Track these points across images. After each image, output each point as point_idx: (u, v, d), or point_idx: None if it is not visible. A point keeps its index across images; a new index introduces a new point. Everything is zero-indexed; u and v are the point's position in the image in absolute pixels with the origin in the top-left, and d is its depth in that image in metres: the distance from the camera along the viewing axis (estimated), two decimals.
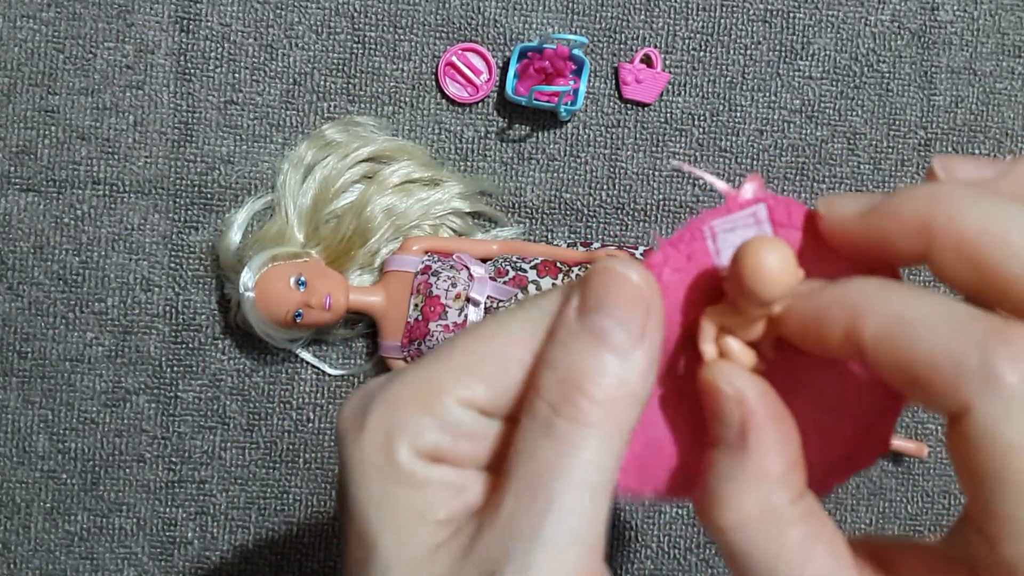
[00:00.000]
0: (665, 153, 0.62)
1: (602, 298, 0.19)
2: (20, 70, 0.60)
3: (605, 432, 0.19)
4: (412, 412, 0.20)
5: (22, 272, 0.60)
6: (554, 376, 0.19)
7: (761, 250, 0.19)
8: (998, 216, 0.18)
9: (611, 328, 0.19)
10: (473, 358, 0.20)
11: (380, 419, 0.20)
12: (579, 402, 0.19)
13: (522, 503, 0.19)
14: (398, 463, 0.20)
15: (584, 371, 0.19)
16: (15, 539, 0.60)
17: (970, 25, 0.63)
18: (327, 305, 0.55)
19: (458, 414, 0.20)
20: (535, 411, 0.19)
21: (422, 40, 0.61)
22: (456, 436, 0.20)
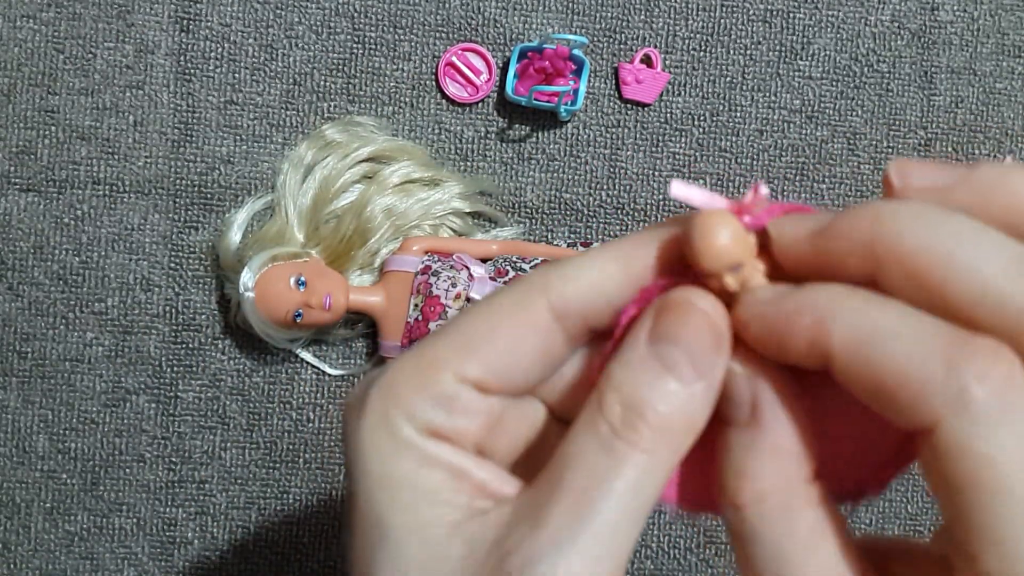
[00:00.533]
0: (665, 153, 0.62)
1: (675, 329, 0.20)
2: (20, 70, 0.60)
3: (658, 459, 0.20)
4: (409, 389, 0.21)
5: (22, 272, 0.60)
6: (618, 398, 0.20)
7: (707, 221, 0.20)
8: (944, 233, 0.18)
9: (680, 360, 0.20)
10: (467, 335, 0.21)
11: (379, 400, 0.21)
12: (640, 429, 0.20)
13: (566, 509, 0.19)
14: (401, 439, 0.21)
15: (648, 399, 0.20)
16: (15, 539, 0.60)
17: (970, 25, 0.63)
18: (327, 305, 0.55)
19: (454, 389, 0.21)
20: (596, 428, 0.20)
21: (422, 40, 0.61)
22: (452, 411, 0.21)
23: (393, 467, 0.21)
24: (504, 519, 0.20)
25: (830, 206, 0.62)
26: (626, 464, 0.19)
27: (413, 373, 0.21)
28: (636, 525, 0.20)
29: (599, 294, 0.21)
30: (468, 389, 0.21)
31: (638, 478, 0.20)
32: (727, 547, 0.62)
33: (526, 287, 0.22)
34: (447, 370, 0.21)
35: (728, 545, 0.62)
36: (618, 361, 0.20)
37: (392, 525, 0.20)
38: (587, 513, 0.19)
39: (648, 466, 0.20)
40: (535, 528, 0.19)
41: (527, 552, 0.19)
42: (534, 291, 0.21)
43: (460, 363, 0.21)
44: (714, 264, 0.20)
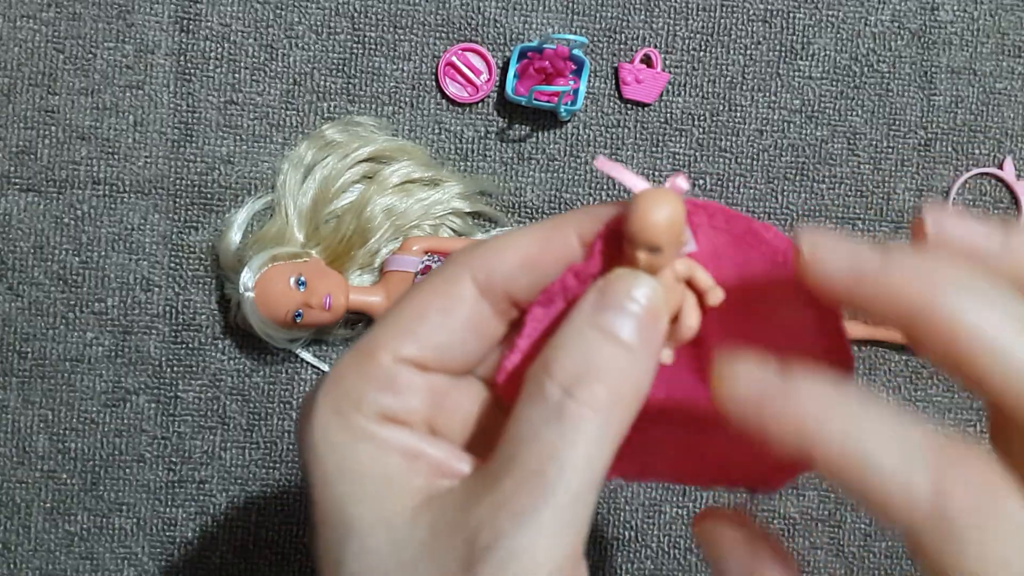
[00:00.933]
0: (665, 153, 0.62)
1: (621, 300, 0.21)
2: (20, 70, 0.60)
3: (611, 421, 0.20)
4: (353, 378, 0.22)
5: (22, 272, 0.60)
6: (569, 360, 0.20)
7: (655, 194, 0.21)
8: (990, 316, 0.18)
9: (627, 326, 0.21)
10: (399, 317, 0.22)
11: (326, 395, 0.22)
12: (593, 387, 0.20)
13: (523, 483, 0.19)
14: (354, 428, 0.21)
15: (598, 361, 0.20)
16: (15, 539, 0.60)
17: (970, 25, 0.63)
18: (327, 305, 0.55)
19: (393, 369, 0.22)
20: (545, 393, 0.20)
21: (422, 40, 0.61)
22: (396, 392, 0.22)
23: (349, 458, 0.21)
24: (463, 498, 0.20)
25: (830, 206, 0.62)
26: (579, 430, 0.20)
27: (354, 362, 0.22)
28: (594, 490, 0.20)
29: (519, 268, 0.22)
30: (407, 369, 0.22)
31: (592, 443, 0.20)
32: None
33: (452, 265, 0.23)
34: (385, 353, 0.22)
35: None
36: (566, 328, 0.21)
37: (355, 517, 0.21)
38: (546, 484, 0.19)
39: (600, 430, 0.20)
40: (496, 506, 0.19)
41: (489, 533, 0.19)
42: (459, 268, 0.22)
43: (396, 344, 0.22)
44: (640, 235, 0.21)
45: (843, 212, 0.62)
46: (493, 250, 0.23)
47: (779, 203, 0.62)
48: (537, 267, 0.22)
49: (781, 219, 0.62)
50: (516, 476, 0.20)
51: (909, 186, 0.63)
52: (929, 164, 0.63)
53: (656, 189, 0.21)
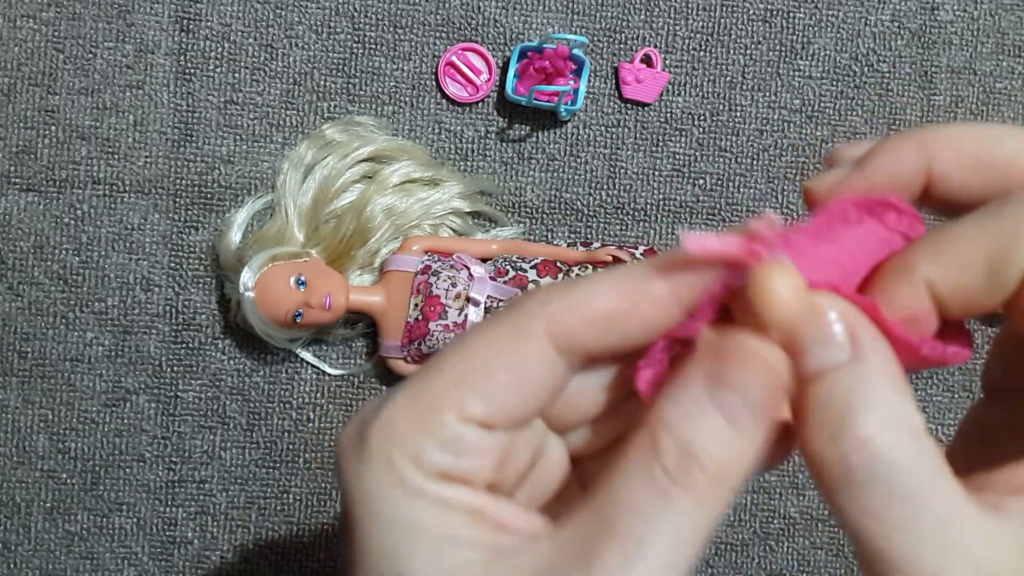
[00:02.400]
0: (665, 153, 0.62)
1: (736, 376, 0.19)
2: (20, 70, 0.60)
3: (711, 505, 0.19)
4: (412, 431, 0.20)
5: (22, 272, 0.60)
6: (673, 443, 0.19)
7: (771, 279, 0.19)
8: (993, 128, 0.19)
9: (739, 409, 0.19)
10: (465, 369, 0.20)
11: (381, 444, 0.20)
12: (696, 475, 0.19)
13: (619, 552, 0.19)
14: (412, 485, 0.20)
15: (706, 446, 0.19)
16: (15, 539, 0.60)
17: (970, 25, 0.63)
18: (327, 305, 0.55)
19: (458, 430, 0.20)
20: (651, 472, 0.19)
21: (422, 40, 0.61)
22: (459, 453, 0.20)
23: (407, 512, 0.20)
24: (544, 560, 0.20)
25: None
26: (680, 509, 0.19)
27: (414, 414, 0.20)
28: (685, 569, 0.19)
29: (602, 327, 0.21)
30: (473, 428, 0.20)
31: (691, 523, 0.19)
32: (727, 547, 0.62)
33: (524, 315, 0.21)
34: (449, 410, 0.20)
35: (728, 546, 0.62)
36: (673, 403, 0.20)
37: (414, 570, 0.20)
38: (640, 558, 0.19)
39: (701, 512, 0.19)
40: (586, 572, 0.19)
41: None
42: (533, 320, 0.21)
43: (462, 401, 0.20)
44: (771, 321, 0.19)
45: None
46: (571, 301, 0.20)
47: (779, 203, 0.62)
48: (623, 326, 0.21)
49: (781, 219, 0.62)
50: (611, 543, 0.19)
51: None
52: None
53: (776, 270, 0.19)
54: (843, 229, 0.21)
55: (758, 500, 0.62)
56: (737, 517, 0.62)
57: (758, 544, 0.62)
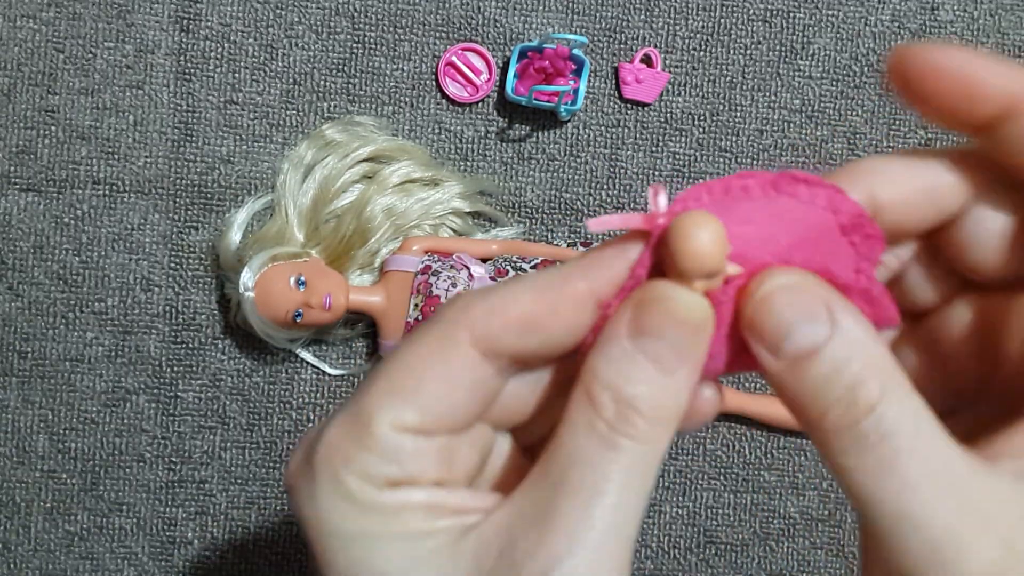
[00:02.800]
0: (665, 153, 0.62)
1: (656, 323, 0.20)
2: (20, 70, 0.60)
3: (655, 447, 0.20)
4: (353, 449, 0.21)
5: (22, 272, 0.60)
6: (610, 395, 0.20)
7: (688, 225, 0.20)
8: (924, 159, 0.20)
9: (664, 352, 0.20)
10: (397, 381, 0.21)
11: (326, 465, 0.21)
12: (636, 422, 0.20)
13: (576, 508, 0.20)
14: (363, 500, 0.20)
15: (639, 393, 0.20)
16: (15, 539, 0.60)
17: (970, 25, 0.63)
18: (327, 305, 0.55)
19: (397, 440, 0.21)
20: (593, 426, 0.20)
21: (422, 40, 0.61)
22: (401, 461, 0.21)
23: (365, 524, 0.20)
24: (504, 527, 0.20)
25: None
26: (628, 456, 0.20)
27: (353, 430, 0.21)
28: (641, 510, 0.20)
29: (523, 330, 0.21)
30: (410, 437, 0.21)
31: (639, 467, 0.20)
32: (727, 547, 0.62)
33: (448, 323, 0.21)
34: (385, 422, 0.20)
35: (728, 545, 0.62)
36: (602, 358, 0.20)
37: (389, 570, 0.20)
38: (597, 508, 0.20)
39: (648, 454, 0.20)
40: (546, 531, 0.20)
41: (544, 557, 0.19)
42: (456, 327, 0.21)
43: (393, 412, 0.21)
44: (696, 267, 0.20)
45: None
46: (492, 308, 0.21)
47: None
48: (543, 328, 0.21)
49: None
50: (566, 500, 0.20)
51: None
52: None
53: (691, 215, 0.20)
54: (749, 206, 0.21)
55: (758, 500, 0.62)
56: (737, 517, 0.62)
57: (758, 544, 0.62)
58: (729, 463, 0.62)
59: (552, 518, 0.20)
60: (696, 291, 0.20)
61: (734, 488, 0.62)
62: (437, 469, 0.21)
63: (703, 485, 0.62)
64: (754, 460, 0.62)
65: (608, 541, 0.20)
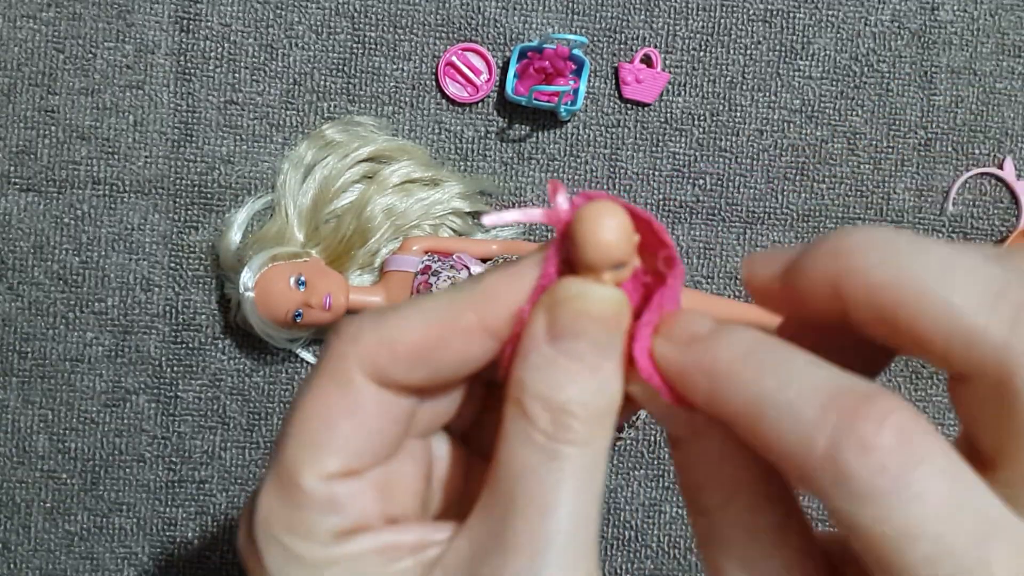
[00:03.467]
0: (665, 153, 0.62)
1: (571, 323, 0.20)
2: (20, 70, 0.60)
3: (598, 447, 0.20)
4: (287, 511, 0.20)
5: (22, 272, 0.60)
6: (541, 404, 0.20)
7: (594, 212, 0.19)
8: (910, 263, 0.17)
9: (585, 350, 0.20)
10: (309, 432, 0.20)
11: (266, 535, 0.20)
12: (572, 425, 0.19)
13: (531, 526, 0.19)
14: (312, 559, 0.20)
15: (569, 396, 0.19)
16: (15, 539, 0.60)
17: (970, 25, 0.63)
18: (327, 305, 0.55)
19: (327, 490, 0.20)
20: (531, 439, 0.20)
21: (422, 40, 0.61)
22: (339, 509, 0.20)
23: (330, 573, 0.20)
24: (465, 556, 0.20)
25: (830, 206, 0.62)
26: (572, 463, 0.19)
27: (283, 493, 0.20)
28: (597, 509, 0.20)
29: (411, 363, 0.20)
30: (340, 482, 0.20)
31: (586, 471, 0.20)
32: None
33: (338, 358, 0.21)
34: (311, 476, 0.20)
35: None
36: (525, 368, 0.20)
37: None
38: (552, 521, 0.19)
39: (591, 456, 0.20)
40: (508, 552, 0.19)
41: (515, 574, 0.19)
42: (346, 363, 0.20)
43: (318, 464, 0.20)
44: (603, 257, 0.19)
45: (843, 212, 0.62)
46: (380, 339, 0.20)
47: (779, 203, 0.62)
48: (433, 361, 0.20)
49: (781, 219, 0.62)
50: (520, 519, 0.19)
51: (909, 186, 0.63)
52: (929, 164, 0.63)
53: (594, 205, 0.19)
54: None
55: None
56: None
57: None
58: None
59: (511, 539, 0.19)
60: (607, 283, 0.20)
61: None
62: (380, 504, 0.21)
63: None
64: None
65: (570, 550, 0.19)
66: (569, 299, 0.20)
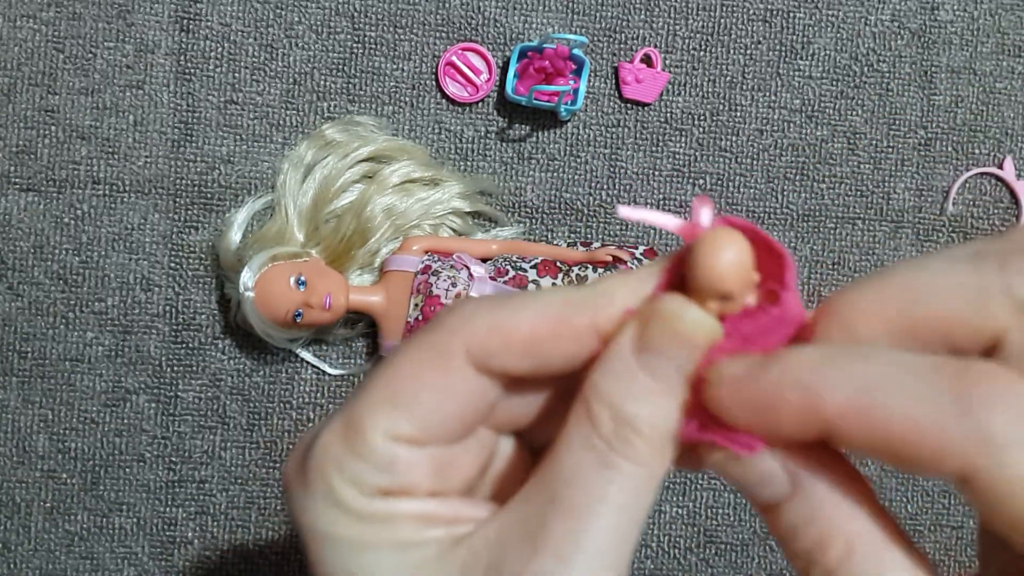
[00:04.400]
0: (665, 153, 0.62)
1: (660, 339, 0.19)
2: (20, 70, 0.60)
3: (652, 468, 0.20)
4: (346, 457, 0.20)
5: (22, 272, 0.60)
6: (609, 412, 0.20)
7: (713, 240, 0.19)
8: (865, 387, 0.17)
9: (668, 370, 0.19)
10: (392, 391, 0.21)
11: (320, 472, 0.21)
12: (634, 442, 0.19)
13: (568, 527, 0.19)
14: (354, 509, 0.20)
15: (639, 412, 0.19)
16: (15, 539, 0.60)
17: (970, 25, 0.63)
18: (327, 305, 0.55)
19: (390, 450, 0.20)
20: (590, 443, 0.20)
21: (422, 40, 0.61)
22: (394, 471, 0.21)
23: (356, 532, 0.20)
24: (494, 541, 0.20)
25: (830, 206, 0.62)
26: (623, 477, 0.19)
27: (346, 439, 0.20)
28: (635, 533, 0.20)
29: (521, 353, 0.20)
30: (404, 447, 0.21)
31: (635, 490, 0.19)
32: (727, 547, 0.62)
33: (446, 333, 0.21)
34: (379, 432, 0.20)
35: (728, 545, 0.62)
36: (603, 372, 0.20)
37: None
38: (590, 529, 0.19)
39: (644, 476, 0.19)
40: (537, 548, 0.19)
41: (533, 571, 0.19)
42: (454, 340, 0.21)
43: (390, 422, 0.20)
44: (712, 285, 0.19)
45: (843, 212, 0.62)
46: (493, 323, 0.20)
47: (779, 203, 0.62)
48: (542, 354, 0.20)
49: (781, 219, 0.62)
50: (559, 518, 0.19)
51: (909, 186, 0.63)
52: (929, 164, 0.63)
53: (719, 231, 0.19)
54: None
55: None
56: (737, 517, 0.62)
57: (758, 544, 0.62)
58: None
59: (543, 537, 0.19)
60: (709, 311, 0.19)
61: (734, 488, 0.62)
62: (431, 479, 0.21)
63: (703, 485, 0.62)
64: None
65: (598, 565, 0.19)
66: (664, 315, 0.20)
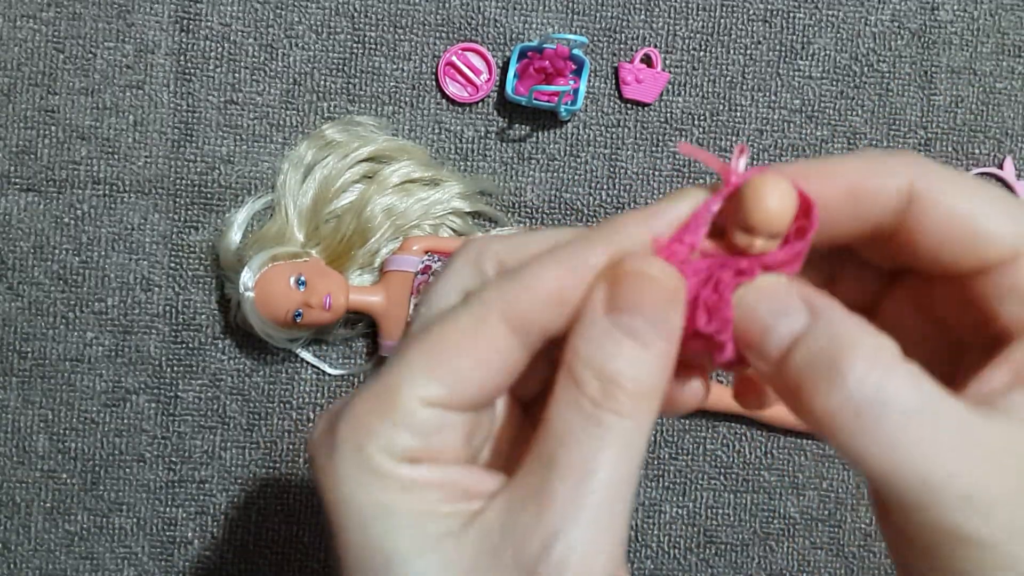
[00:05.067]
0: (665, 153, 0.62)
1: (630, 298, 0.21)
2: (20, 70, 0.60)
3: (641, 420, 0.21)
4: (378, 420, 0.21)
5: (22, 272, 0.60)
6: (592, 373, 0.21)
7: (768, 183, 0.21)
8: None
9: (640, 326, 0.21)
10: (428, 357, 0.21)
11: (350, 433, 0.21)
12: (619, 397, 0.20)
13: (568, 485, 0.20)
14: (383, 471, 0.21)
15: (620, 368, 0.21)
16: (15, 539, 0.60)
17: (970, 25, 0.63)
18: (327, 305, 0.55)
19: (423, 414, 0.21)
20: (579, 404, 0.21)
21: (422, 40, 0.61)
22: (426, 436, 0.21)
23: (381, 496, 0.21)
24: (504, 510, 0.21)
25: None
26: (614, 432, 0.20)
27: (380, 403, 0.21)
28: (632, 485, 0.21)
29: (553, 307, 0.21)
30: (437, 412, 0.21)
31: (627, 442, 0.21)
32: (727, 547, 0.62)
33: (482, 303, 0.22)
34: (413, 396, 0.21)
35: (728, 546, 0.62)
36: (582, 336, 0.21)
37: (396, 550, 0.21)
38: (588, 484, 0.20)
39: (633, 429, 0.21)
40: (542, 510, 0.20)
41: (542, 534, 0.20)
42: (490, 306, 0.21)
43: (425, 387, 0.21)
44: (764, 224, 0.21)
45: None
46: (521, 285, 0.21)
47: None
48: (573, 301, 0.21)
49: None
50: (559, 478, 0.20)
51: None
52: None
53: (771, 175, 0.21)
54: None
55: (758, 500, 0.62)
56: (737, 517, 0.62)
57: (758, 544, 0.62)
58: (729, 463, 0.62)
59: (545, 499, 0.20)
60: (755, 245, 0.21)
61: (734, 488, 0.62)
62: (460, 444, 0.22)
63: (703, 485, 0.62)
64: (754, 460, 0.62)
65: (602, 516, 0.20)
66: (630, 274, 0.21)
